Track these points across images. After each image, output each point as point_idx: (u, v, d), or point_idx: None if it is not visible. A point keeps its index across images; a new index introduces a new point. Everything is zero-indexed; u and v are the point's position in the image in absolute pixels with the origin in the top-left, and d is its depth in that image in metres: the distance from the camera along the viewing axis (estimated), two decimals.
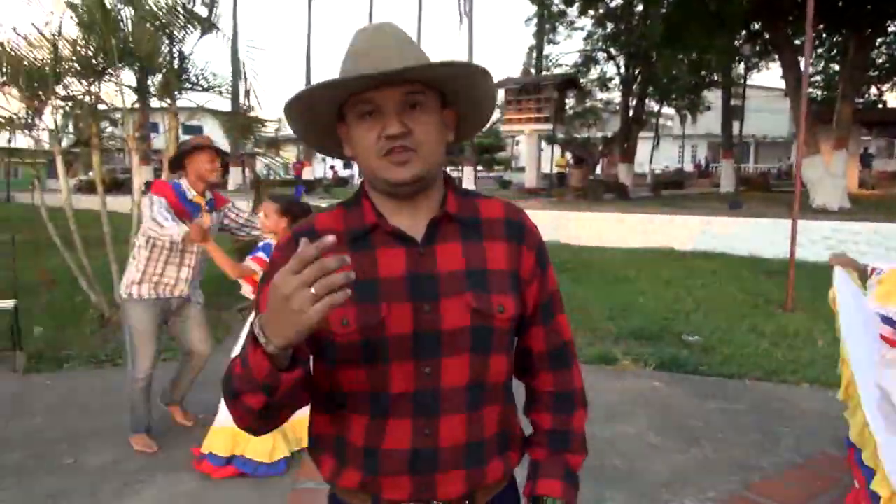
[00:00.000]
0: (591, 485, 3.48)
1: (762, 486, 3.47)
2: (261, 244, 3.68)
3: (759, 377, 5.23)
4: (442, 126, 1.17)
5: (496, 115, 38.17)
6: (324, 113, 1.17)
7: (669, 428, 4.24)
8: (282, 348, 0.94)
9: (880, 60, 24.15)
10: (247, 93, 6.50)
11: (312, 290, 0.87)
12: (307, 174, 30.63)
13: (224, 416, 3.48)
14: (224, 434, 3.49)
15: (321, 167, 40.10)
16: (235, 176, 26.86)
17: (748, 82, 29.78)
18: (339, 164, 41.78)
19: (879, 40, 20.31)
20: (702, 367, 5.51)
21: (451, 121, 1.21)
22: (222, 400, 3.17)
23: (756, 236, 11.91)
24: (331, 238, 0.88)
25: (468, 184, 28.73)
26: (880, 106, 29.40)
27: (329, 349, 1.15)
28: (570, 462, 1.29)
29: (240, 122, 6.78)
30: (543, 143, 28.37)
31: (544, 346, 1.30)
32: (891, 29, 18.84)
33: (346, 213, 1.21)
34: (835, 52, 22.45)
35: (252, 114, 7.41)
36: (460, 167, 34.19)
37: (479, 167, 37.75)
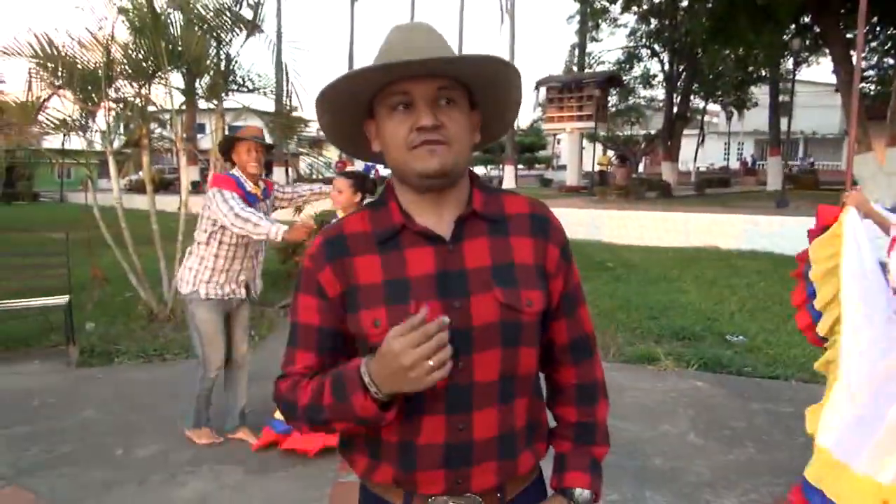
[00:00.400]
0: (632, 484, 3.46)
1: None
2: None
3: (804, 379, 5.11)
4: (470, 125, 1.19)
5: (538, 113, 38.02)
6: (354, 106, 1.19)
7: (712, 429, 4.18)
8: (389, 398, 1.08)
9: None
10: (289, 93, 6.60)
11: (430, 362, 1.01)
12: None
13: None
14: None
15: (361, 165, 40.46)
16: (279, 175, 27.24)
17: (797, 77, 29.10)
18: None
19: None
20: (746, 367, 5.41)
21: (476, 122, 1.23)
22: None
23: (803, 235, 11.60)
24: (446, 319, 1.02)
25: (509, 182, 28.69)
26: None
27: (363, 350, 1.18)
28: (595, 453, 1.32)
29: (282, 122, 6.90)
30: (585, 142, 28.16)
31: (567, 339, 1.32)
32: None
33: (374, 215, 1.23)
34: (889, 45, 21.68)
35: (295, 114, 7.56)
36: (501, 166, 34.16)
37: (520, 166, 37.63)
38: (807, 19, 18.28)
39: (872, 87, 25.90)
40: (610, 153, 29.49)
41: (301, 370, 1.22)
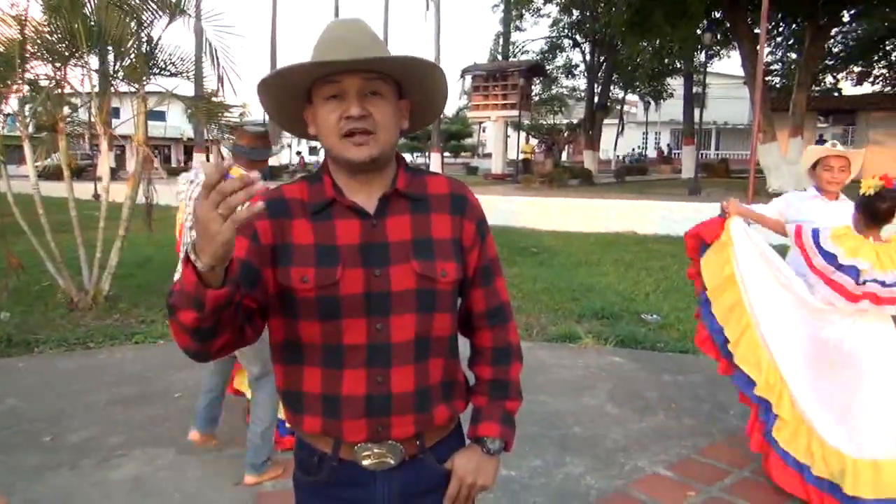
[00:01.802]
0: (554, 451, 3.69)
1: (710, 451, 3.72)
2: None
3: None
4: (398, 113, 1.32)
5: (464, 101, 38.27)
6: (294, 94, 1.32)
7: (628, 399, 4.48)
8: (209, 266, 1.04)
9: (836, 49, 24.81)
10: (220, 79, 6.51)
11: (219, 210, 0.98)
12: (273, 160, 30.37)
13: None
14: None
15: (287, 153, 39.80)
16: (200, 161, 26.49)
17: (710, 70, 30.40)
18: (305, 150, 41.53)
19: (835, 30, 20.85)
20: (659, 343, 5.78)
21: (406, 110, 1.36)
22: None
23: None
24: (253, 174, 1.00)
25: (435, 169, 28.88)
26: (836, 94, 30.23)
27: (289, 304, 1.29)
28: (508, 407, 1.47)
29: (202, 107, 6.76)
30: (509, 130, 28.61)
31: (483, 307, 1.45)
32: (846, 18, 19.34)
33: (310, 187, 1.35)
34: (792, 41, 22.98)
35: (217, 99, 7.41)
36: (427, 154, 34.27)
37: (446, 154, 37.84)
38: (718, 14, 19.16)
39: (777, 80, 27.31)
40: (533, 142, 30.06)
41: None
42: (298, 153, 37.95)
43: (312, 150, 43.92)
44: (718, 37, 21.30)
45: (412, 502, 1.38)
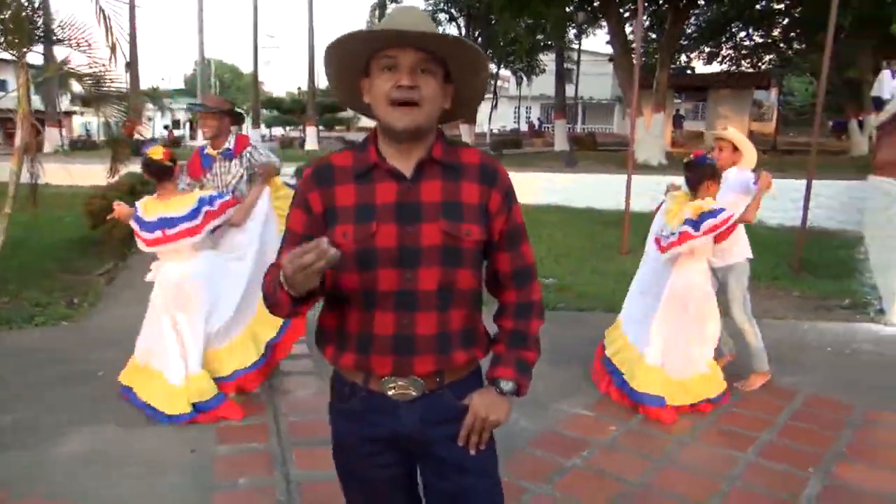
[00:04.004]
0: None
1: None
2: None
3: (606, 309, 6.03)
4: (442, 93, 1.52)
5: None
6: (353, 64, 1.50)
7: (544, 356, 4.85)
8: (300, 295, 1.38)
9: (689, 31, 26.71)
10: (112, 47, 6.20)
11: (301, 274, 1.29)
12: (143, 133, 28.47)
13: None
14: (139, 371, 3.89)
15: (153, 127, 37.51)
16: (53, 137, 24.12)
17: (575, 47, 31.82)
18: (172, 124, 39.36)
19: (693, 12, 22.47)
20: (560, 304, 6.27)
21: (450, 94, 1.55)
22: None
23: (591, 190, 13.15)
24: (334, 252, 1.28)
25: (312, 144, 28.39)
26: (689, 73, 32.59)
27: None
28: (524, 356, 1.64)
29: (49, 76, 6.21)
30: None
31: (509, 268, 1.63)
32: (701, 2, 20.89)
33: (356, 154, 1.56)
34: (653, 22, 24.47)
35: (98, 70, 7.00)
36: (302, 127, 33.58)
37: (321, 127, 37.21)
38: None
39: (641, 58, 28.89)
40: None
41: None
42: (166, 127, 35.96)
43: (176, 124, 41.73)
44: (588, 14, 22.33)
45: (431, 429, 1.58)
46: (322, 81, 46.85)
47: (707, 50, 28.67)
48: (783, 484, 3.19)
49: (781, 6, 22.18)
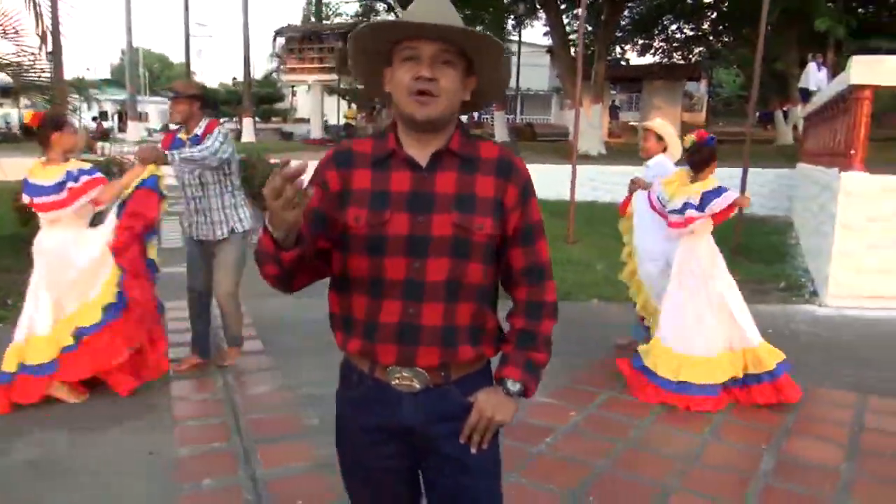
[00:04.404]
0: None
1: (581, 380, 4.34)
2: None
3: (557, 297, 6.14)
4: (462, 85, 1.50)
5: (274, 64, 36.91)
6: (376, 52, 1.50)
7: None
8: (282, 236, 1.34)
9: (623, 23, 27.27)
10: (42, 35, 5.91)
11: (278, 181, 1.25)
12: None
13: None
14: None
15: (80, 119, 35.93)
16: None
17: (514, 39, 32.05)
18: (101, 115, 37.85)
19: (627, 5, 22.94)
20: None
21: (470, 87, 1.54)
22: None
23: (533, 181, 13.28)
24: (296, 165, 1.27)
25: (248, 136, 27.75)
26: (623, 64, 33.29)
27: (344, 240, 1.50)
28: (533, 356, 1.58)
29: None
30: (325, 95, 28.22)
31: (523, 264, 1.58)
32: None
33: (375, 142, 1.56)
34: (589, 14, 24.87)
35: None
36: (237, 119, 32.80)
37: (256, 119, 36.43)
38: None
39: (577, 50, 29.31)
40: (353, 107, 29.96)
41: None
42: (95, 118, 34.53)
43: (104, 116, 40.11)
44: (527, 6, 22.54)
45: (434, 425, 1.55)
46: (258, 71, 45.91)
47: (640, 42, 29.33)
48: (741, 461, 3.33)
49: (710, 0, 22.90)
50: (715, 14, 24.39)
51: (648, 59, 30.28)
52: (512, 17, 21.09)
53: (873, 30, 19.83)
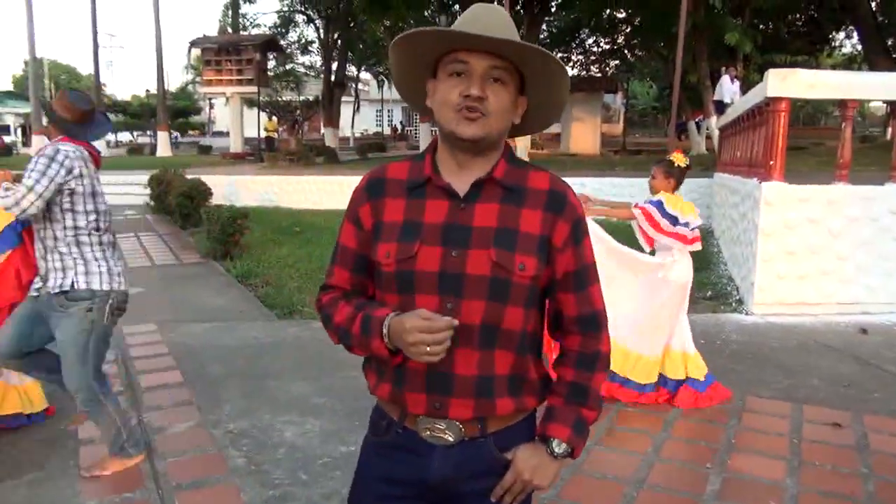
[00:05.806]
0: None
1: None
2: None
3: None
4: (513, 105, 1.35)
5: (190, 76, 35.77)
6: (420, 62, 1.35)
7: None
8: (397, 348, 1.31)
9: (542, 36, 27.82)
10: None
11: (427, 348, 1.25)
12: None
13: None
14: None
15: None
16: None
17: None
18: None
19: (546, 18, 23.40)
20: None
21: (521, 107, 1.39)
22: None
23: None
24: (455, 322, 1.26)
25: (164, 150, 26.73)
26: None
27: (378, 277, 1.40)
28: (583, 414, 1.41)
29: None
30: (245, 107, 27.51)
31: (575, 312, 1.42)
32: (553, 9, 21.77)
33: (412, 165, 1.42)
34: None
35: None
36: (151, 133, 31.62)
37: (173, 132, 35.19)
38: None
39: None
40: (274, 119, 29.30)
41: (337, 283, 1.48)
42: None
43: (5, 130, 37.84)
44: (448, 19, 22.62)
45: (464, 483, 1.40)
46: (173, 83, 44.36)
47: (559, 55, 30.00)
48: (688, 482, 3.26)
49: (623, 15, 23.60)
50: (629, 28, 25.17)
51: (568, 71, 31.01)
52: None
53: (774, 46, 20.92)
